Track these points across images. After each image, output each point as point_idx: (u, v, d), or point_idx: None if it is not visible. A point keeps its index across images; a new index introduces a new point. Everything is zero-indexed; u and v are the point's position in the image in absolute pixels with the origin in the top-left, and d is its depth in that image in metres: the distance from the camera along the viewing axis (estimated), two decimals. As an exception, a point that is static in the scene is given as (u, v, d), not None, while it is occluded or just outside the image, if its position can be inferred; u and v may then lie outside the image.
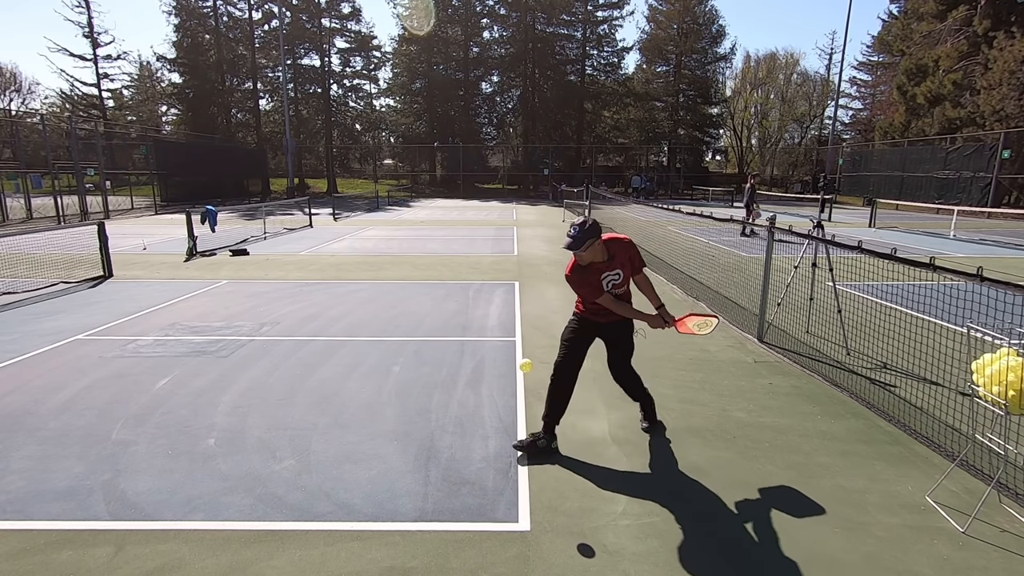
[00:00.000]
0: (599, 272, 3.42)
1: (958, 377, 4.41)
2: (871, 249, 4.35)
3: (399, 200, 34.42)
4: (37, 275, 8.85)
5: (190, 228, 11.81)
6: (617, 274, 3.45)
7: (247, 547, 2.67)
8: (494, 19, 43.60)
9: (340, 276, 9.60)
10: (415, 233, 16.85)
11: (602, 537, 2.78)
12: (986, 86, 26.24)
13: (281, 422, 3.96)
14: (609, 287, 3.45)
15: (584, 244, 3.26)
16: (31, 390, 4.51)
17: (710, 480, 3.28)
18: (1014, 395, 2.69)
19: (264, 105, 44.88)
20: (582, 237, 3.24)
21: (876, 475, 3.34)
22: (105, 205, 21.25)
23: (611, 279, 3.44)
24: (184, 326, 6.36)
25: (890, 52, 40.70)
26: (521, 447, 3.50)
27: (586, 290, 3.44)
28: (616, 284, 3.46)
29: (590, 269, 3.40)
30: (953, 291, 5.63)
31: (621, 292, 3.53)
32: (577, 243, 3.25)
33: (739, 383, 4.79)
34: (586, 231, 3.25)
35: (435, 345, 5.74)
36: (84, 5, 41.81)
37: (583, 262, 3.39)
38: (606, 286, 3.44)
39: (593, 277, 3.43)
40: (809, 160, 47.04)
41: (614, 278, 3.45)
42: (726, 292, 8.06)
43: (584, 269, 3.41)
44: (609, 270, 3.43)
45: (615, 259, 3.45)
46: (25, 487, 3.15)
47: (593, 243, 3.28)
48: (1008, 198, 25.52)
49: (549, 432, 3.58)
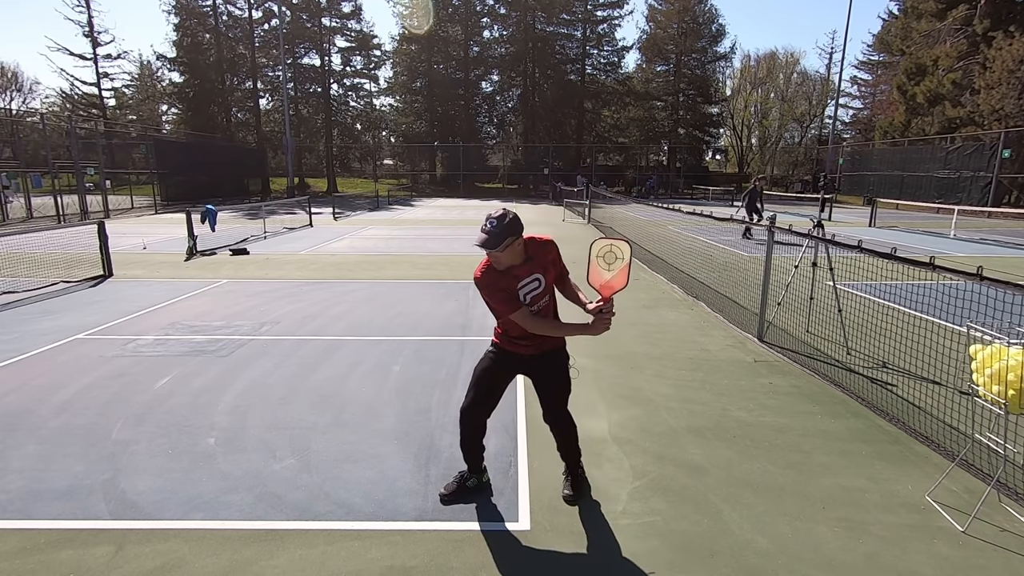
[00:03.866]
0: (516, 279, 2.71)
1: (958, 376, 4.41)
2: (871, 248, 4.35)
3: (399, 199, 34.42)
4: (37, 274, 8.84)
5: (190, 227, 11.81)
6: (537, 280, 2.74)
7: (247, 546, 2.67)
8: (494, 18, 43.59)
9: (340, 275, 9.60)
10: (415, 232, 16.85)
11: (602, 537, 2.78)
12: (985, 85, 26.23)
13: (281, 421, 3.96)
14: (527, 300, 2.73)
15: (503, 242, 2.59)
16: (31, 389, 4.51)
17: (710, 479, 3.28)
18: (1014, 394, 2.69)
19: (264, 104, 44.91)
20: (501, 233, 2.58)
21: (876, 474, 3.34)
22: (105, 204, 21.24)
23: (531, 288, 2.73)
24: (184, 325, 6.36)
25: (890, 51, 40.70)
26: (450, 493, 3.05)
27: (498, 299, 2.70)
28: (536, 295, 2.75)
29: (506, 274, 2.70)
30: (953, 290, 5.63)
31: (543, 307, 2.81)
32: (494, 240, 2.58)
33: (739, 382, 4.79)
34: (506, 226, 2.59)
35: (435, 344, 5.74)
36: (84, 4, 41.87)
37: (499, 265, 2.69)
38: (524, 299, 2.73)
39: (508, 284, 2.70)
40: (809, 159, 47.02)
41: (533, 286, 2.73)
42: (726, 291, 8.06)
43: (498, 273, 2.71)
44: (527, 275, 2.72)
45: (534, 262, 2.75)
46: (25, 486, 3.15)
47: (514, 242, 2.63)
48: (1008, 197, 25.51)
49: (476, 470, 3.12)
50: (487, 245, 2.59)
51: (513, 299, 2.71)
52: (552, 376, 2.94)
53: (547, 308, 2.84)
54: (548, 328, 2.79)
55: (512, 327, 2.80)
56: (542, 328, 2.77)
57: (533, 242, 2.78)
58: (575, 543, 2.73)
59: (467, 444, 3.03)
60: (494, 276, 2.71)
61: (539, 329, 2.76)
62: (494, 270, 2.71)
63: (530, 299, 2.74)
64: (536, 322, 2.75)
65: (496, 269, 2.71)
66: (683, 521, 2.90)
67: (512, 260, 2.69)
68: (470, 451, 3.05)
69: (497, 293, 2.70)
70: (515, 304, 2.71)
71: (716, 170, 52.20)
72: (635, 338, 6.05)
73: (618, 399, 4.42)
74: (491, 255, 2.66)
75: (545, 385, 2.98)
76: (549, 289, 2.82)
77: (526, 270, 2.73)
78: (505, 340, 2.89)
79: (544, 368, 2.93)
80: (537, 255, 2.77)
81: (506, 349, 2.90)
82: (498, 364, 2.93)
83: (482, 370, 2.94)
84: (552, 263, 2.83)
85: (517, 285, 2.71)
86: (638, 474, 3.34)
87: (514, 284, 2.71)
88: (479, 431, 3.01)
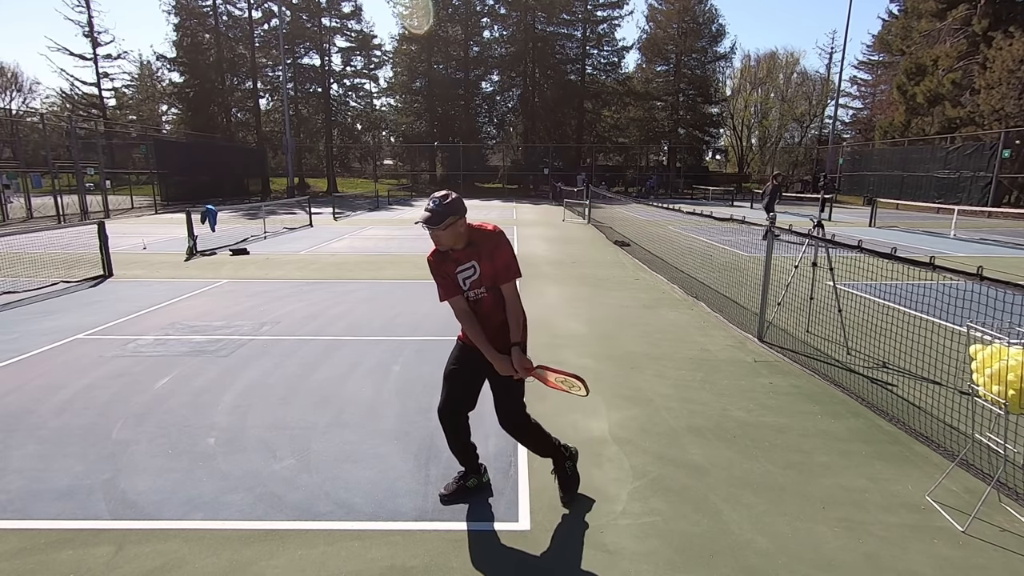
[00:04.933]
0: (455, 263, 2.73)
1: (958, 376, 4.41)
2: (871, 248, 4.35)
3: (399, 199, 34.42)
4: (37, 274, 8.84)
5: (190, 227, 11.81)
6: (472, 268, 2.72)
7: (247, 546, 2.67)
8: (494, 18, 43.57)
9: (340, 275, 9.60)
10: (416, 232, 16.83)
11: (602, 537, 2.78)
12: (985, 85, 26.25)
13: (281, 421, 3.96)
14: (466, 285, 2.75)
15: (443, 220, 2.58)
16: (31, 389, 4.51)
17: (710, 479, 3.28)
18: (1014, 394, 2.69)
19: (264, 104, 44.91)
20: (442, 212, 2.58)
21: (876, 474, 3.34)
22: (105, 204, 21.24)
23: (467, 274, 2.74)
24: (184, 325, 6.36)
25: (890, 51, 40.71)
26: (450, 494, 3.04)
27: (439, 283, 2.77)
28: (472, 282, 2.74)
29: (447, 258, 2.74)
30: (953, 290, 5.63)
31: (480, 297, 2.76)
32: (436, 218, 2.57)
33: (739, 382, 4.79)
34: (447, 205, 2.59)
35: (435, 344, 5.74)
36: (84, 4, 41.88)
37: (441, 245, 2.70)
38: (462, 284, 2.74)
39: (448, 268, 2.74)
40: (809, 159, 47.03)
41: (468, 273, 2.73)
42: (726, 292, 8.06)
43: (444, 255, 2.74)
44: (465, 260, 2.72)
45: (473, 248, 2.72)
46: (25, 486, 3.15)
47: (456, 222, 2.62)
48: (1008, 197, 25.52)
49: (474, 471, 3.11)
50: (429, 222, 2.58)
51: (451, 286, 2.74)
52: (503, 377, 2.78)
53: (486, 300, 2.77)
54: (469, 328, 2.75)
55: None
56: (465, 323, 2.76)
57: (478, 230, 2.75)
58: (575, 543, 2.73)
59: (452, 443, 2.99)
60: (438, 259, 2.76)
61: (463, 323, 2.77)
62: (440, 254, 2.75)
63: (468, 284, 2.75)
64: (464, 316, 2.76)
65: (440, 253, 2.75)
66: (683, 521, 2.90)
67: (453, 242, 2.68)
68: (458, 451, 3.02)
69: (438, 277, 2.76)
70: (452, 291, 2.75)
71: (716, 170, 52.20)
72: (635, 338, 6.05)
73: (618, 399, 4.42)
74: (432, 233, 2.64)
75: (496, 386, 2.87)
76: (486, 280, 2.74)
77: (465, 255, 2.73)
78: (465, 334, 2.86)
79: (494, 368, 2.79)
80: (478, 242, 2.73)
81: (466, 343, 2.88)
82: (462, 360, 2.90)
83: (448, 368, 2.93)
84: (490, 255, 2.72)
85: (455, 269, 2.73)
86: (638, 474, 3.34)
87: (452, 268, 2.73)
88: (460, 429, 2.96)
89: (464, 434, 2.98)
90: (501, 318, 2.78)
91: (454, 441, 2.98)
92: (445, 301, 2.79)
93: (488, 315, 2.78)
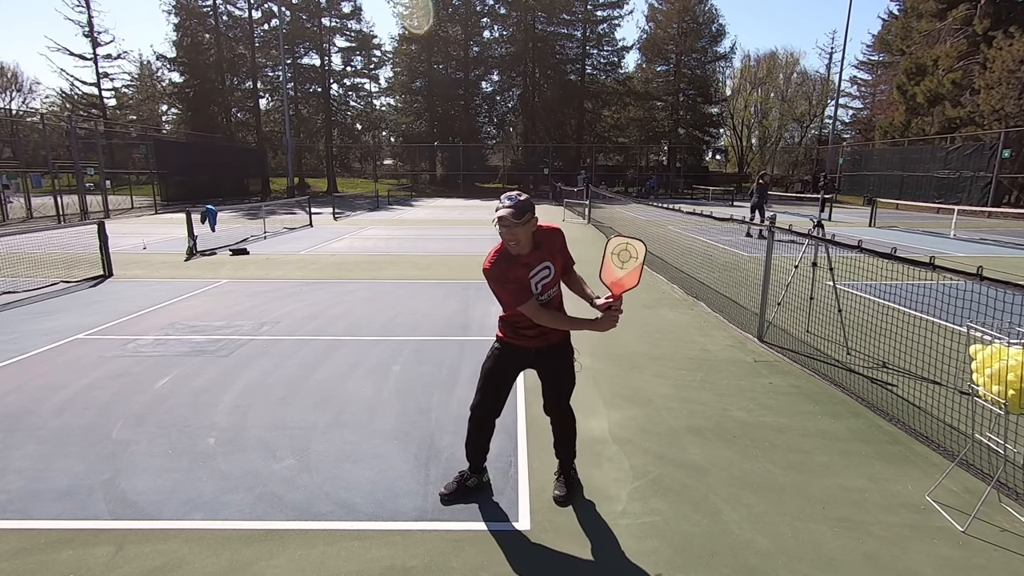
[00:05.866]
0: (526, 267, 2.69)
1: (958, 376, 4.41)
2: (871, 248, 4.35)
3: (399, 199, 34.42)
4: (37, 274, 8.84)
5: (190, 227, 11.81)
6: (547, 268, 2.73)
7: (247, 546, 2.67)
8: (494, 18, 43.58)
9: (340, 275, 9.60)
10: (415, 232, 16.85)
11: (602, 537, 2.78)
12: (985, 85, 26.24)
13: (281, 421, 3.96)
14: (539, 288, 2.73)
15: (524, 216, 2.57)
16: (31, 389, 4.51)
17: (710, 479, 3.28)
18: (1014, 394, 2.69)
19: (264, 104, 44.89)
20: (521, 207, 2.57)
21: (876, 474, 3.34)
22: (105, 204, 21.24)
23: (541, 276, 2.72)
24: (184, 325, 6.36)
25: (890, 51, 40.69)
26: (450, 493, 3.04)
27: (508, 290, 2.67)
28: (547, 283, 2.76)
29: (516, 264, 2.68)
30: (953, 290, 5.63)
31: (553, 296, 2.82)
32: (517, 213, 2.55)
33: (739, 382, 4.79)
34: (523, 202, 2.59)
35: (435, 344, 5.74)
36: (84, 4, 41.87)
37: (516, 246, 2.64)
38: (535, 287, 2.72)
39: (519, 273, 2.68)
40: (809, 159, 47.03)
41: (544, 274, 2.73)
42: (726, 292, 8.06)
43: (510, 260, 2.68)
44: (538, 263, 2.71)
45: (543, 249, 2.73)
46: (25, 487, 3.15)
47: (532, 219, 2.62)
48: (1008, 197, 25.52)
49: (477, 470, 3.13)
50: (512, 217, 2.55)
51: (524, 290, 2.68)
52: (557, 369, 2.94)
53: (556, 298, 2.85)
54: (555, 320, 2.74)
55: (520, 318, 2.76)
56: (550, 320, 2.73)
57: (541, 230, 2.76)
58: (575, 543, 2.73)
59: (473, 444, 3.05)
60: (504, 267, 2.67)
61: (547, 321, 2.72)
62: (503, 261, 2.68)
63: (541, 287, 2.74)
64: (544, 314, 2.71)
65: (505, 260, 2.68)
66: (683, 521, 2.90)
67: (527, 240, 2.65)
68: (475, 451, 3.07)
69: (508, 284, 2.67)
70: (525, 295, 2.68)
71: (716, 170, 52.21)
72: (635, 338, 6.05)
73: (618, 399, 4.42)
74: (510, 231, 2.59)
75: (550, 378, 2.97)
76: (558, 278, 2.82)
77: (536, 257, 2.71)
78: (511, 333, 2.86)
79: (549, 361, 2.92)
80: (546, 242, 2.75)
81: (511, 343, 2.87)
82: (504, 360, 2.91)
83: (488, 368, 2.93)
84: (560, 251, 2.81)
85: (528, 274, 2.70)
86: (638, 474, 3.34)
87: (525, 273, 2.69)
88: (487, 431, 3.03)
89: (488, 435, 3.05)
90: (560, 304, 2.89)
91: (476, 440, 3.04)
92: (518, 308, 2.69)
93: (555, 304, 2.85)
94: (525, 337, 2.84)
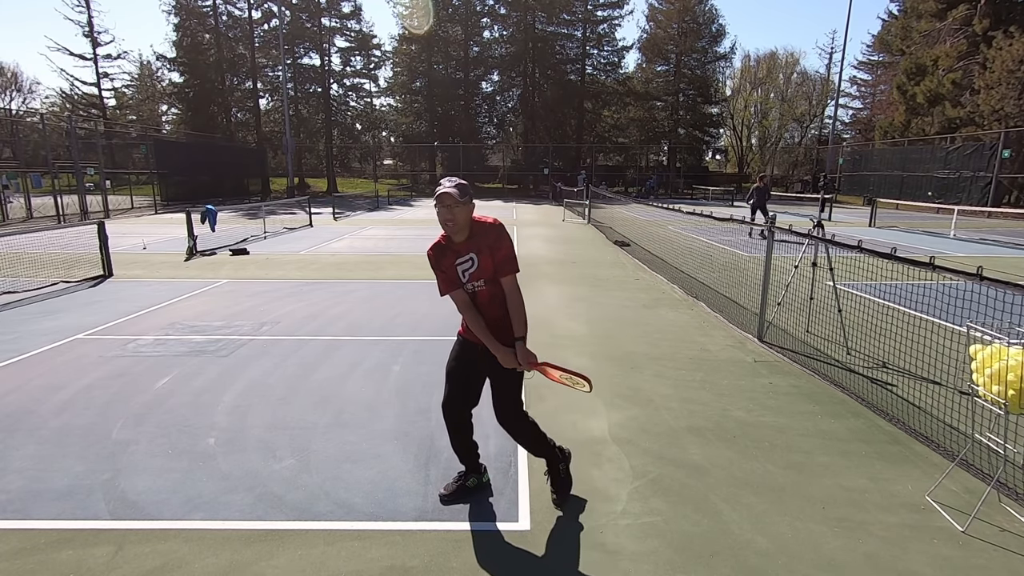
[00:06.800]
0: (455, 254, 2.73)
1: (958, 376, 4.42)
2: (871, 249, 4.35)
3: (399, 199, 34.42)
4: (37, 275, 8.84)
5: (190, 227, 11.81)
6: (470, 260, 2.71)
7: (247, 546, 2.67)
8: (494, 18, 43.57)
9: (340, 275, 9.60)
10: (416, 232, 16.84)
11: (602, 537, 2.78)
12: (985, 85, 26.25)
13: (281, 421, 3.96)
14: (465, 278, 2.74)
15: (465, 196, 2.62)
16: (31, 389, 4.51)
17: (710, 479, 3.28)
18: (1014, 394, 2.69)
19: (264, 104, 44.90)
20: (463, 187, 2.64)
21: (876, 474, 3.34)
22: (105, 204, 21.24)
23: (466, 267, 2.73)
24: (184, 325, 6.36)
25: (890, 51, 40.72)
26: (450, 493, 3.03)
27: (439, 277, 2.79)
28: (472, 274, 2.73)
29: (448, 249, 2.74)
30: (953, 290, 5.63)
31: (479, 289, 2.75)
32: (461, 192, 2.60)
33: (739, 382, 4.79)
34: (465, 185, 2.66)
35: (435, 344, 5.74)
36: (84, 4, 41.87)
37: (454, 226, 2.65)
38: (462, 276, 2.74)
39: (448, 260, 2.74)
40: (809, 159, 47.04)
41: (467, 265, 2.72)
42: (726, 292, 8.06)
43: (444, 248, 2.75)
44: (465, 252, 2.71)
45: (473, 240, 2.71)
46: (25, 487, 3.15)
47: (471, 201, 2.67)
48: (1008, 198, 25.52)
49: (474, 470, 3.11)
50: (457, 196, 2.58)
51: (450, 279, 2.75)
52: (500, 372, 2.81)
53: (484, 293, 2.76)
54: (472, 321, 2.76)
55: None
56: (467, 317, 2.77)
57: (478, 222, 2.75)
58: (575, 543, 2.73)
59: (455, 441, 3.00)
60: (438, 253, 2.77)
61: (465, 316, 2.79)
62: (438, 248, 2.78)
63: (467, 276, 2.75)
64: (466, 308, 2.77)
65: (439, 247, 2.77)
66: (683, 521, 2.90)
67: (464, 223, 2.67)
68: (460, 448, 3.03)
69: (438, 271, 2.78)
70: (452, 284, 2.76)
71: (716, 170, 52.22)
72: (635, 338, 6.05)
73: (618, 399, 4.42)
74: (448, 211, 2.61)
75: (493, 380, 2.87)
76: (484, 272, 2.72)
77: (464, 247, 2.73)
78: (465, 328, 2.89)
79: (492, 362, 2.79)
80: (478, 234, 2.73)
81: (466, 338, 2.91)
82: (461, 354, 2.93)
83: (449, 364, 2.95)
84: (490, 245, 2.71)
85: (455, 261, 2.73)
86: (638, 474, 3.34)
87: (452, 260, 2.74)
88: (463, 427, 2.97)
89: (467, 432, 2.99)
90: (497, 312, 2.78)
91: (456, 439, 2.99)
92: (445, 295, 2.81)
93: (484, 308, 2.78)
94: (471, 334, 2.84)
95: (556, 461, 3.08)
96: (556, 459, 3.07)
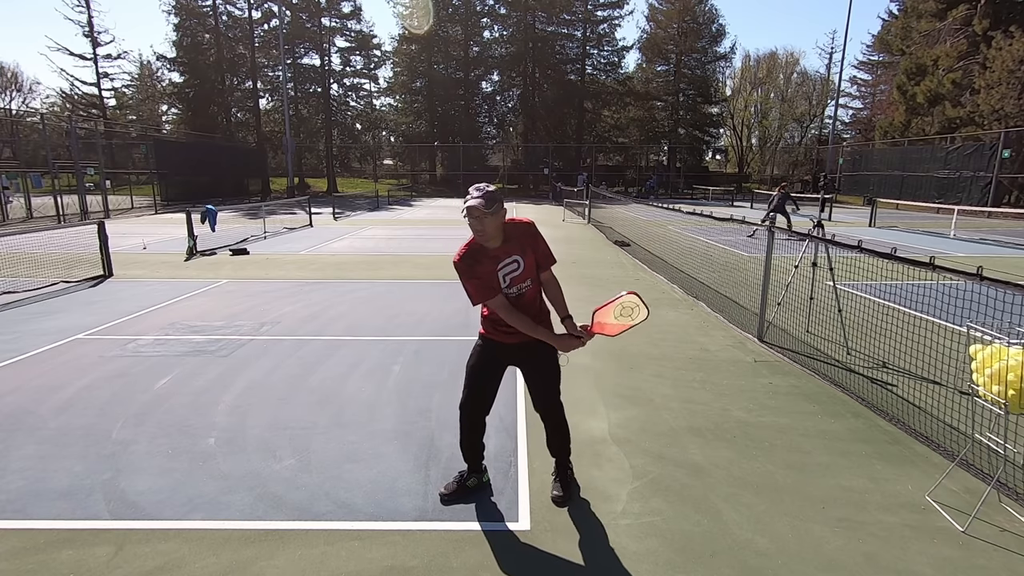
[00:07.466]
0: (495, 260, 2.68)
1: (958, 376, 4.41)
2: (871, 248, 4.35)
3: (399, 199, 34.41)
4: (37, 274, 8.84)
5: (190, 227, 11.81)
6: (516, 262, 2.70)
7: (247, 546, 2.67)
8: (494, 18, 43.58)
9: (340, 275, 9.60)
10: (416, 232, 16.85)
11: (602, 537, 2.78)
12: (985, 85, 26.25)
13: (281, 421, 3.96)
14: (507, 281, 2.70)
15: (493, 206, 2.57)
16: (31, 390, 4.51)
17: (710, 479, 3.28)
18: (1014, 394, 2.69)
19: (264, 104, 44.87)
20: (491, 197, 2.59)
21: (876, 474, 3.34)
22: (105, 204, 21.24)
23: (510, 270, 2.69)
24: (184, 325, 6.36)
25: (890, 51, 40.70)
26: (450, 493, 3.03)
27: (475, 285, 2.68)
28: (516, 277, 2.71)
29: (483, 256, 2.69)
30: (953, 290, 5.63)
31: (525, 291, 2.76)
32: (487, 202, 2.56)
33: (739, 382, 4.79)
34: (492, 192, 2.61)
35: (435, 344, 5.74)
36: (84, 4, 41.83)
37: (485, 237, 2.64)
38: (503, 280, 2.70)
39: (487, 267, 2.67)
40: (809, 159, 47.03)
41: (512, 268, 2.69)
42: (726, 292, 8.06)
43: (478, 254, 2.69)
44: (506, 256, 2.69)
45: (512, 243, 2.71)
46: (25, 487, 3.15)
47: (500, 209, 2.61)
48: (1008, 197, 25.51)
49: (476, 470, 3.11)
50: (483, 206, 2.56)
51: (489, 287, 2.68)
52: (538, 366, 2.91)
53: (530, 293, 2.79)
54: (519, 322, 2.71)
55: (497, 315, 2.76)
56: (513, 319, 2.71)
57: (513, 223, 2.78)
58: (575, 543, 2.73)
59: (466, 442, 3.04)
60: (472, 260, 2.69)
61: (511, 320, 2.71)
62: (471, 255, 2.69)
63: (509, 280, 2.71)
64: (510, 313, 2.70)
65: (473, 254, 2.69)
66: (683, 521, 2.90)
67: (496, 231, 2.65)
68: (470, 449, 3.06)
69: (473, 278, 2.68)
70: (491, 291, 2.68)
71: (716, 170, 52.22)
72: (635, 338, 6.05)
73: (618, 399, 4.42)
74: (479, 222, 2.60)
75: (533, 375, 2.96)
76: (530, 272, 2.75)
77: (504, 251, 2.70)
78: (491, 329, 2.87)
79: (531, 358, 2.88)
80: (515, 235, 2.74)
81: (492, 339, 2.88)
82: (486, 356, 2.91)
83: (472, 365, 2.95)
84: (531, 244, 2.76)
85: (496, 267, 2.69)
86: (638, 474, 3.34)
87: (493, 267, 2.69)
88: (478, 428, 3.01)
89: (481, 432, 3.04)
90: (537, 309, 2.84)
91: (469, 438, 3.02)
92: (480, 304, 2.75)
93: (527, 307, 2.78)
94: (504, 333, 2.82)
95: (568, 458, 3.16)
96: (568, 455, 3.16)
